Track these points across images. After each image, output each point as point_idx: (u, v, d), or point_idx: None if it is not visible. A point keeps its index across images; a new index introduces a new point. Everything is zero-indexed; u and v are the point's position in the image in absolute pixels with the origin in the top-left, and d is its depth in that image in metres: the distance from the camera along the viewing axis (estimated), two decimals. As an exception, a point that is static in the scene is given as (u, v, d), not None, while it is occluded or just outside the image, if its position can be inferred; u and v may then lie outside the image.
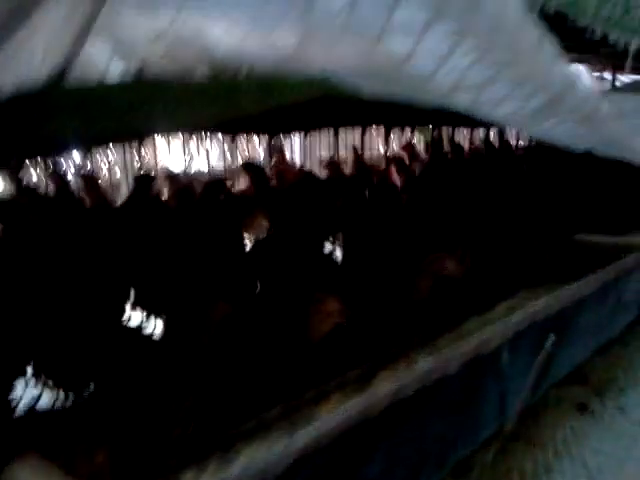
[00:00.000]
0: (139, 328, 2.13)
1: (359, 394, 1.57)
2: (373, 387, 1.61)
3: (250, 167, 3.44)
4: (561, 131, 1.45)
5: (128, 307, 2.35)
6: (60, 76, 1.07)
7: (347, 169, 4.34)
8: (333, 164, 4.00)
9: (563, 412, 2.55)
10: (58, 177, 3.32)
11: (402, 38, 0.98)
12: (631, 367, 3.05)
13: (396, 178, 3.70)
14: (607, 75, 6.85)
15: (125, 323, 2.22)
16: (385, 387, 1.58)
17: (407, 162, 4.05)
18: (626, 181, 2.89)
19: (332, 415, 1.41)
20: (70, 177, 3.60)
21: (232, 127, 3.13)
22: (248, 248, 2.59)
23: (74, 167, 4.04)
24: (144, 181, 3.24)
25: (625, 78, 6.54)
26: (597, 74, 7.41)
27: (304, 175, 3.76)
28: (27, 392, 1.78)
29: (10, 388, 1.74)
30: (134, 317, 2.29)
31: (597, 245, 2.44)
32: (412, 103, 1.25)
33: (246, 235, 2.69)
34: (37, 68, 1.05)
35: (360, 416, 1.47)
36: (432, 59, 1.02)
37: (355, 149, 4.43)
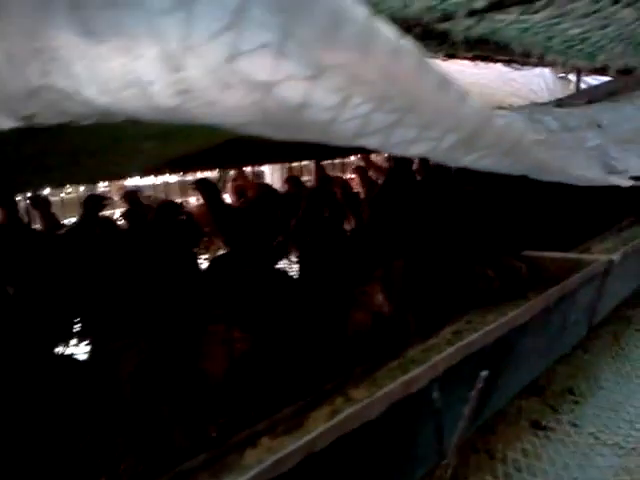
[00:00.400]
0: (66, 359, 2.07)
1: (290, 436, 1.52)
2: (305, 428, 1.56)
3: (203, 184, 3.38)
4: (485, 163, 1.42)
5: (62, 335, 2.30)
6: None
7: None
8: (293, 179, 3.96)
9: (516, 431, 2.53)
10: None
11: (291, 90, 0.93)
12: (587, 377, 3.06)
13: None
14: (572, 77, 6.90)
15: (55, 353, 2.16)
16: (318, 428, 1.53)
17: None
18: (575, 194, 2.88)
19: (256, 464, 1.36)
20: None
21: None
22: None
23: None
24: (92, 202, 3.16)
25: (591, 79, 6.59)
26: (562, 75, 7.47)
27: (261, 193, 3.72)
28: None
29: None
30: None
31: (546, 261, 2.43)
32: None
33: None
34: None
35: (290, 461, 1.42)
36: (326, 109, 0.98)
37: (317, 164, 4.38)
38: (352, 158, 7.15)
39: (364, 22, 0.87)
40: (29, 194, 3.07)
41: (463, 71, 4.57)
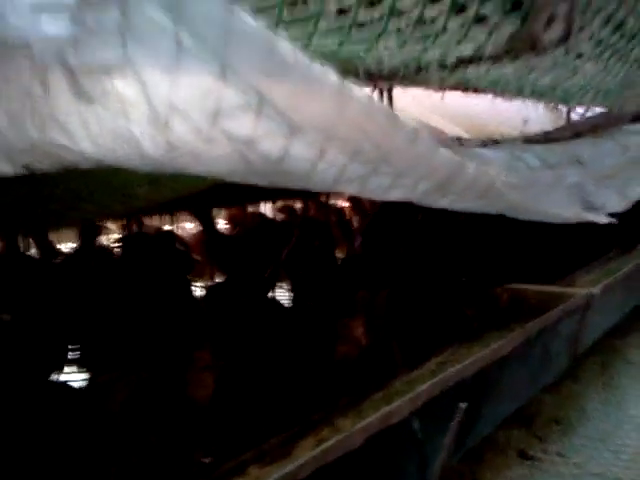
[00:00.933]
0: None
1: (278, 465, 1.57)
2: (293, 457, 1.61)
3: (198, 212, 3.45)
4: (461, 206, 1.49)
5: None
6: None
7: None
8: (286, 208, 4.05)
9: (503, 460, 2.57)
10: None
11: (270, 145, 1.01)
12: (575, 407, 3.09)
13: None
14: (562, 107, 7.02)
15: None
16: (306, 457, 1.57)
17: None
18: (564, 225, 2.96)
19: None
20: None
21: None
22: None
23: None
24: (88, 230, 3.23)
25: (581, 109, 6.70)
26: (552, 105, 7.59)
27: (254, 222, 3.79)
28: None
29: None
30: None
31: (529, 293, 2.49)
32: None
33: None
34: None
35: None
36: (304, 161, 1.06)
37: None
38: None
39: (337, 86, 0.96)
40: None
41: (454, 102, 4.65)
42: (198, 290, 3.11)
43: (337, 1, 1.01)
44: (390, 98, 2.66)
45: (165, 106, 0.91)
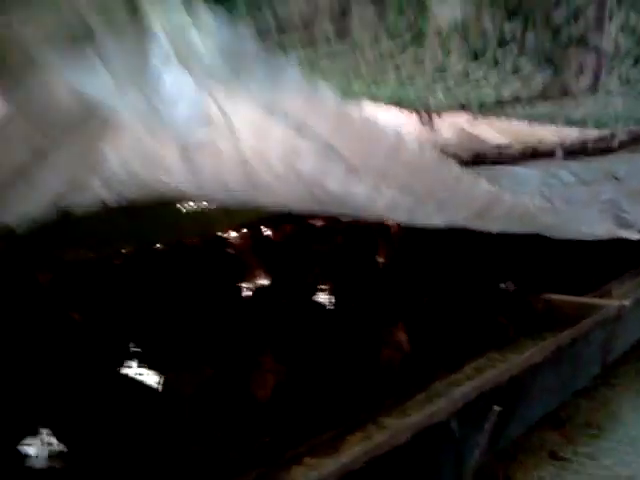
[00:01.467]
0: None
1: (329, 457, 1.77)
2: (342, 451, 1.80)
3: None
4: (500, 228, 1.66)
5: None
6: (61, 206, 1.30)
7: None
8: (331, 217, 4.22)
9: (535, 460, 2.70)
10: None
11: (334, 183, 1.20)
12: (607, 413, 3.18)
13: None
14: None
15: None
16: (354, 450, 1.76)
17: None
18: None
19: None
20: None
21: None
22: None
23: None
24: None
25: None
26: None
27: (298, 227, 3.99)
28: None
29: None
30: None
31: (563, 303, 2.62)
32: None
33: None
34: (43, 201, 1.29)
35: (331, 477, 1.65)
36: (363, 197, 1.24)
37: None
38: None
39: (394, 137, 1.14)
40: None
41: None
42: (249, 293, 3.31)
43: (393, 60, 1.19)
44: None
45: (253, 154, 1.11)
